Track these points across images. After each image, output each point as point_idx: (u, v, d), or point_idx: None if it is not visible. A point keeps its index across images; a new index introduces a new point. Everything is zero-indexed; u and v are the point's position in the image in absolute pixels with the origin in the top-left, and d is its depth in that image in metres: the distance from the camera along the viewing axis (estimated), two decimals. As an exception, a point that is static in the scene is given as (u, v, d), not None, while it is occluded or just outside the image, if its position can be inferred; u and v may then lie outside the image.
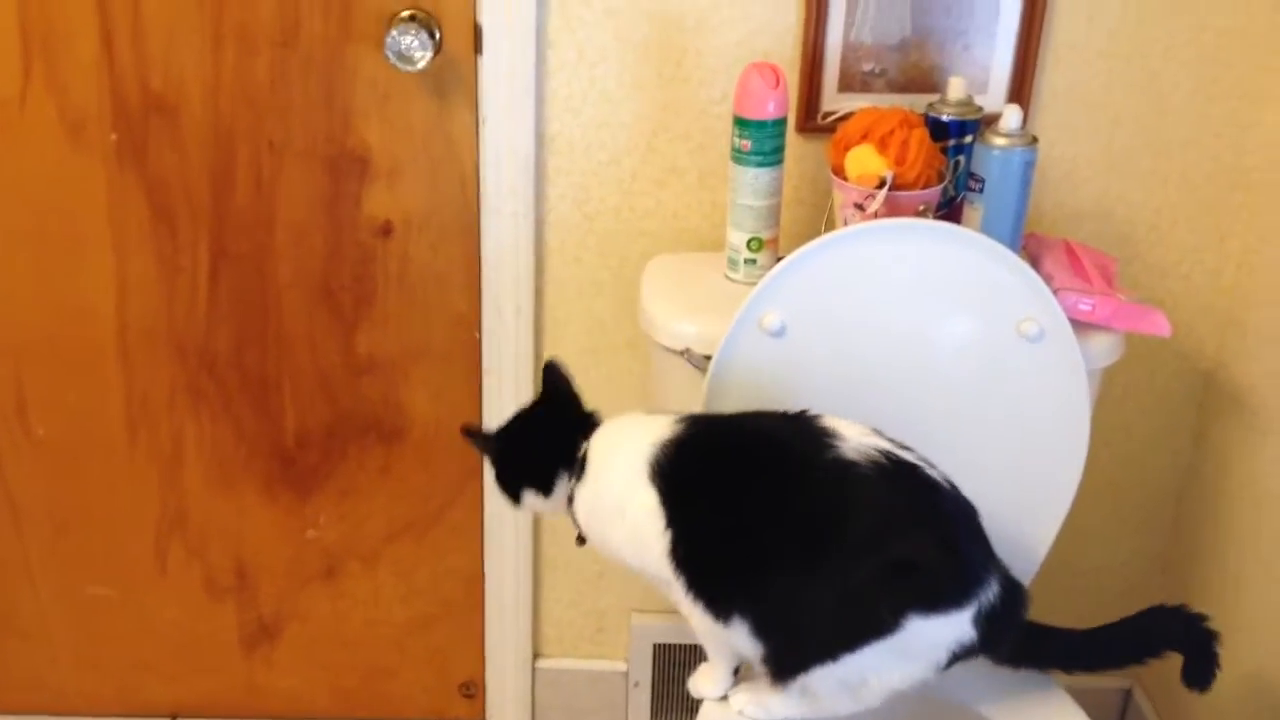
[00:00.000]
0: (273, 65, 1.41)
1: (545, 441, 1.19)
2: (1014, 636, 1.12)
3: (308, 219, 1.49)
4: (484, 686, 1.76)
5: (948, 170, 1.29)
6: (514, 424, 1.22)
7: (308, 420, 1.60)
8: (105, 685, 1.74)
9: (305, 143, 1.45)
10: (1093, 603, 1.67)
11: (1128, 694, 1.72)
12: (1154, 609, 1.18)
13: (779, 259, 1.22)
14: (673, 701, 1.73)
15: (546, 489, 1.17)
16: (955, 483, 1.09)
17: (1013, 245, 1.26)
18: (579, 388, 1.21)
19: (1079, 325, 1.22)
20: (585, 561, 1.66)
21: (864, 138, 1.27)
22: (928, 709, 1.20)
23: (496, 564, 1.66)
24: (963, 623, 1.06)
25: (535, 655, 1.73)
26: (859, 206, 1.25)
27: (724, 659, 1.20)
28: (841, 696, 1.11)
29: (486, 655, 1.73)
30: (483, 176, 1.45)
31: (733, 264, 1.36)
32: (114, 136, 1.45)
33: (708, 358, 1.25)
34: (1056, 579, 1.34)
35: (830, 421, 1.09)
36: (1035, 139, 1.26)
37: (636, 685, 1.73)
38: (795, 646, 1.09)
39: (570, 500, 1.17)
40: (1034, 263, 1.28)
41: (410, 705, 1.77)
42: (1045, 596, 1.32)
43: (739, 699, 1.18)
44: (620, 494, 1.13)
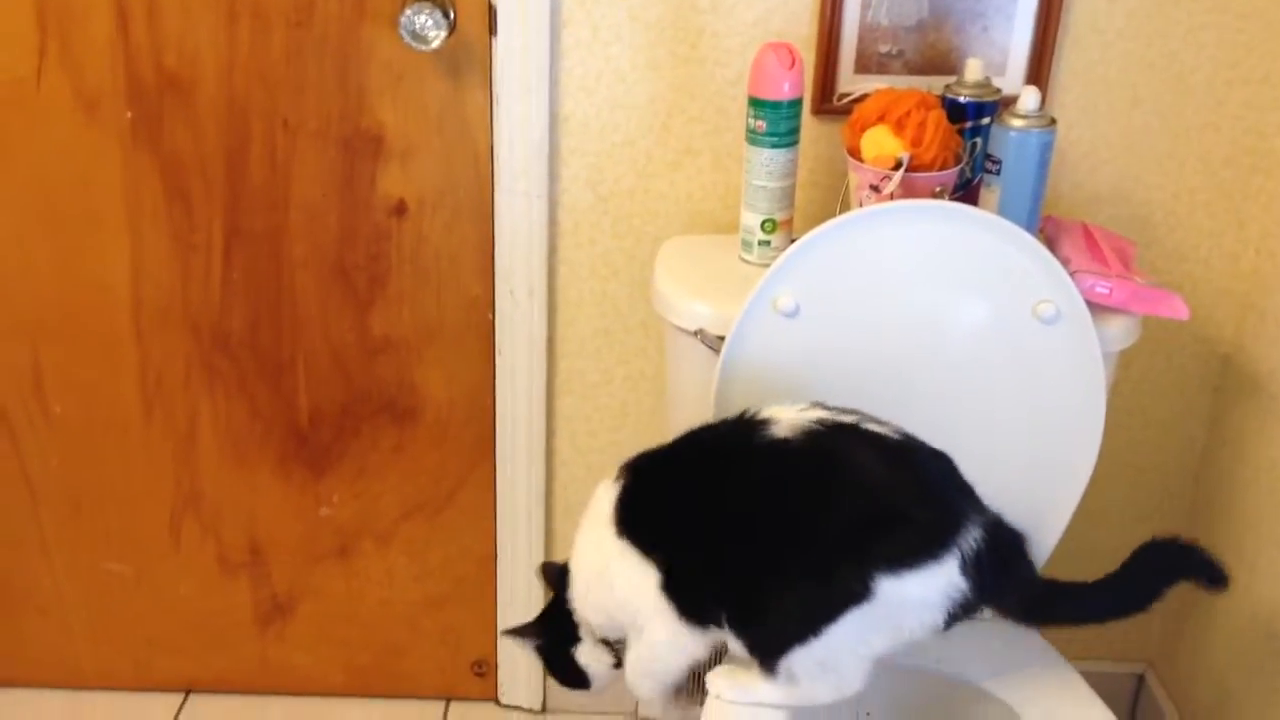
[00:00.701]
0: (288, 44, 1.41)
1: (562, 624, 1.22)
2: (1017, 585, 1.08)
3: (322, 198, 1.49)
4: (496, 665, 1.77)
5: (965, 152, 1.28)
6: (541, 623, 1.26)
7: (321, 399, 1.60)
8: (120, 660, 1.75)
9: (320, 122, 1.45)
10: (1106, 587, 1.67)
11: (1140, 678, 1.72)
12: (1148, 546, 1.15)
13: (793, 241, 1.22)
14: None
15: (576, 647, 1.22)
16: (913, 434, 1.08)
17: (1030, 228, 1.25)
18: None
19: (1096, 308, 1.21)
20: (597, 542, 1.66)
21: (880, 119, 1.26)
22: (938, 689, 1.21)
23: (509, 543, 1.66)
24: (948, 574, 1.02)
25: (547, 635, 1.73)
26: (874, 188, 1.25)
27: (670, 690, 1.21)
28: (823, 679, 1.09)
29: (499, 634, 1.73)
30: (496, 157, 1.45)
31: (746, 245, 1.35)
32: (129, 114, 1.45)
33: (721, 338, 1.25)
34: (1071, 563, 1.33)
35: (768, 411, 1.09)
36: (1053, 120, 1.25)
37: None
38: (772, 632, 1.08)
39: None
40: (1051, 245, 1.27)
41: (422, 683, 1.78)
42: (1058, 577, 1.32)
43: (717, 683, 1.16)
44: (600, 570, 1.16)
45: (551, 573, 1.26)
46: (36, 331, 1.56)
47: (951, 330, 1.21)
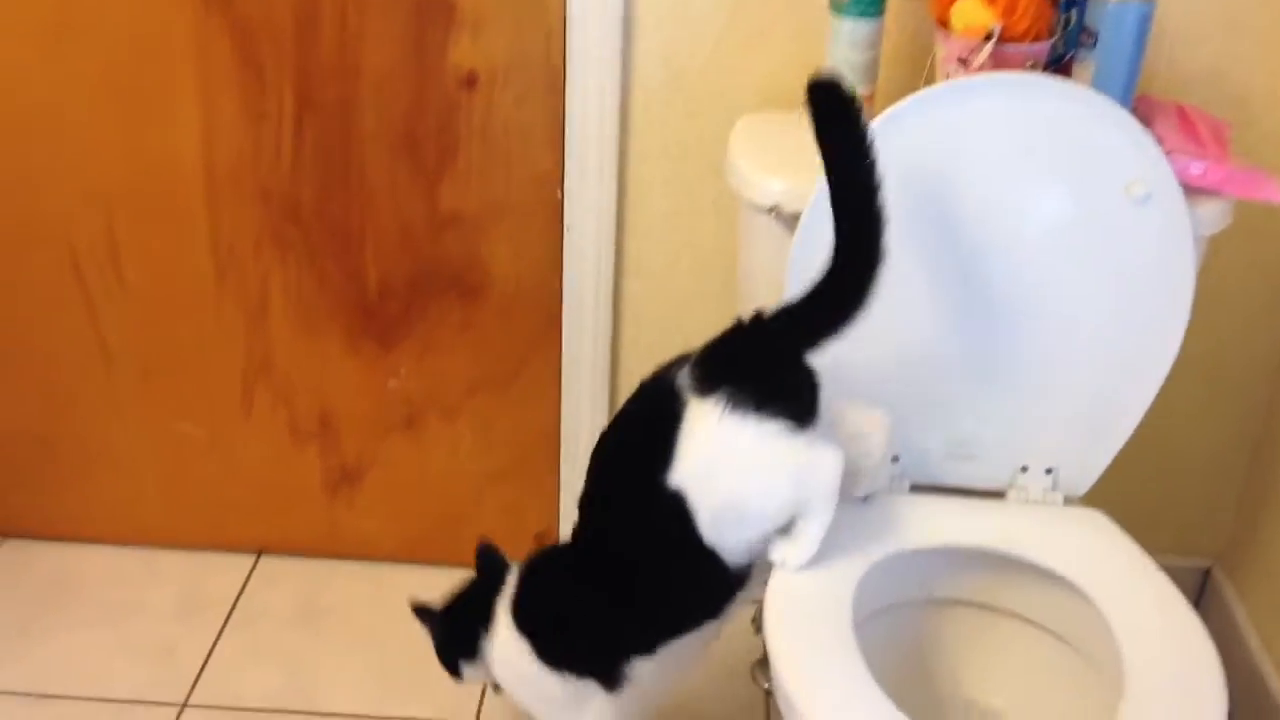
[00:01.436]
0: (359, -95, 1.38)
1: (473, 612, 1.30)
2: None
3: (393, 67, 1.47)
4: (557, 538, 1.80)
5: (1059, 25, 1.24)
6: (451, 604, 1.34)
7: (389, 273, 1.61)
8: (192, 520, 1.80)
9: (391, -13, 1.42)
10: (1176, 482, 1.65)
11: (1207, 573, 1.71)
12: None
13: (874, 117, 1.18)
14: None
15: (474, 654, 1.30)
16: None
17: (1123, 106, 1.20)
18: (509, 560, 1.33)
19: (1187, 190, 1.17)
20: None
21: (972, -12, 1.21)
22: (1006, 571, 1.21)
23: (572, 419, 1.68)
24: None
25: (608, 511, 1.76)
26: (963, 61, 1.20)
27: None
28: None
29: (560, 507, 1.76)
30: (570, 29, 1.42)
31: (826, 121, 1.31)
32: (200, -21, 1.43)
33: (797, 216, 1.22)
34: (1141, 454, 1.32)
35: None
36: (1154, -8, 1.19)
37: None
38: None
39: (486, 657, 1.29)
40: (1144, 126, 1.23)
41: (485, 554, 1.82)
42: (1128, 471, 1.31)
43: (780, 551, 1.15)
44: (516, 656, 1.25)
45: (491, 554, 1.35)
46: (111, 200, 1.58)
47: (1036, 211, 1.18)
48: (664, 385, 1.12)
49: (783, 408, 1.06)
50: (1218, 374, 1.58)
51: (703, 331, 1.60)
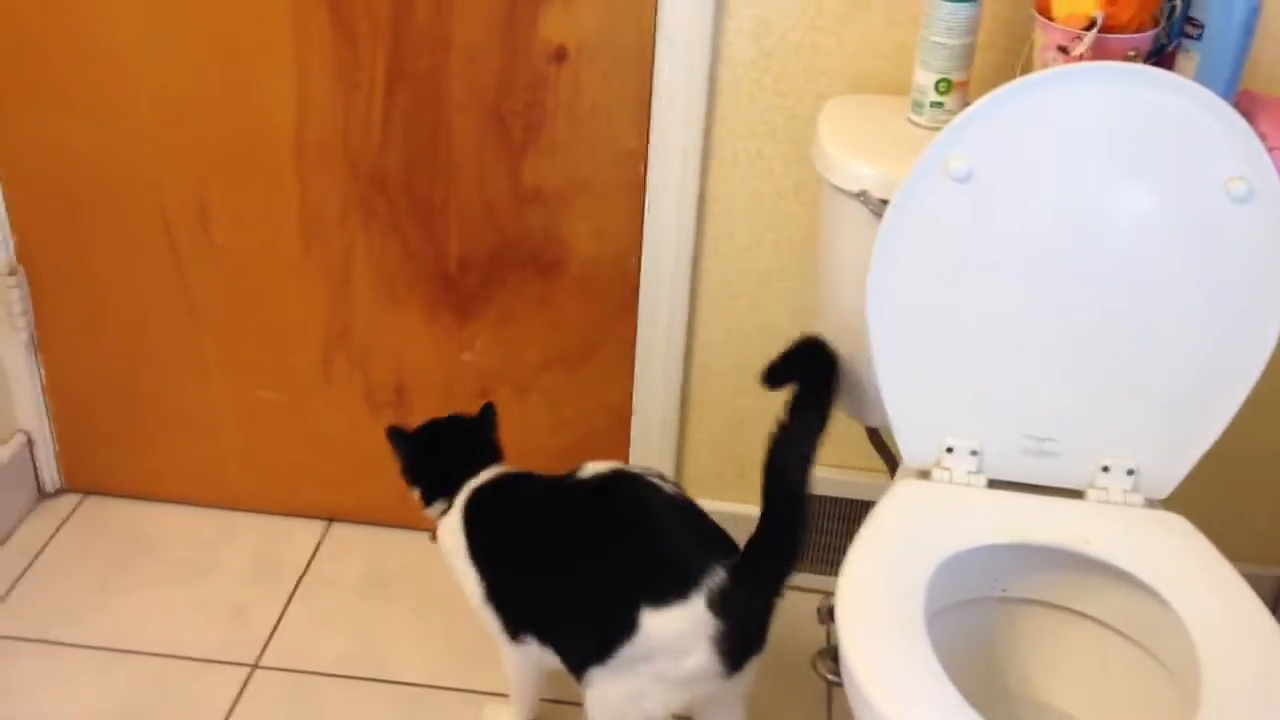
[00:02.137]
0: (458, -123, 1.39)
1: (444, 464, 1.43)
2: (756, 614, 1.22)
3: (483, 40, 1.48)
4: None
5: (1163, 14, 1.20)
6: (431, 432, 1.45)
7: (471, 245, 1.62)
8: (268, 484, 1.84)
9: (485, -40, 1.43)
10: (1257, 487, 1.61)
11: (1284, 584, 1.67)
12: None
13: (967, 105, 1.17)
14: (810, 550, 1.74)
15: (426, 503, 1.43)
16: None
17: (1227, 99, 1.17)
18: (500, 439, 1.45)
19: (1291, 190, 1.14)
20: (731, 406, 1.66)
21: (1075, -25, 1.18)
22: (1081, 571, 1.19)
23: (645, 401, 1.68)
24: (695, 611, 1.17)
25: (676, 493, 1.76)
26: (1063, 49, 1.18)
27: (523, 700, 1.43)
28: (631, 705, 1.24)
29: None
30: (660, 5, 1.42)
31: (917, 106, 1.30)
32: (299, -54, 1.45)
33: (885, 202, 1.21)
34: (1224, 462, 1.29)
35: (590, 466, 1.31)
36: (1265, -17, 1.16)
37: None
38: (572, 650, 1.28)
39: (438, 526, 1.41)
40: (1248, 121, 1.19)
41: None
42: (1208, 478, 1.28)
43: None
44: (452, 544, 1.37)
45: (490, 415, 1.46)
46: (204, 163, 1.61)
47: (1133, 205, 1.15)
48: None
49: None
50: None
51: (781, 316, 1.60)
